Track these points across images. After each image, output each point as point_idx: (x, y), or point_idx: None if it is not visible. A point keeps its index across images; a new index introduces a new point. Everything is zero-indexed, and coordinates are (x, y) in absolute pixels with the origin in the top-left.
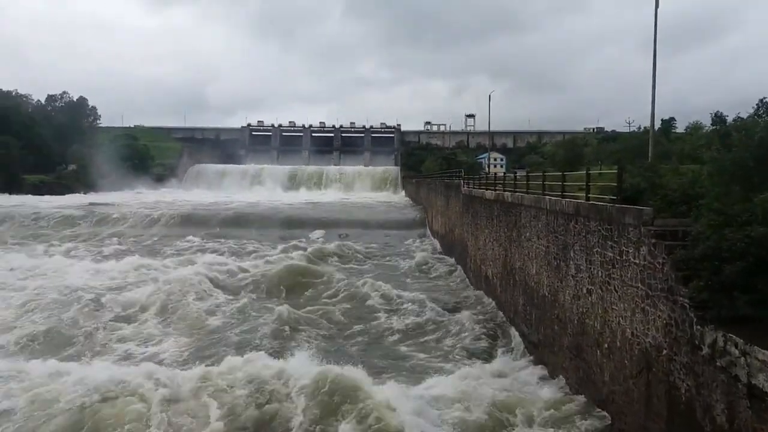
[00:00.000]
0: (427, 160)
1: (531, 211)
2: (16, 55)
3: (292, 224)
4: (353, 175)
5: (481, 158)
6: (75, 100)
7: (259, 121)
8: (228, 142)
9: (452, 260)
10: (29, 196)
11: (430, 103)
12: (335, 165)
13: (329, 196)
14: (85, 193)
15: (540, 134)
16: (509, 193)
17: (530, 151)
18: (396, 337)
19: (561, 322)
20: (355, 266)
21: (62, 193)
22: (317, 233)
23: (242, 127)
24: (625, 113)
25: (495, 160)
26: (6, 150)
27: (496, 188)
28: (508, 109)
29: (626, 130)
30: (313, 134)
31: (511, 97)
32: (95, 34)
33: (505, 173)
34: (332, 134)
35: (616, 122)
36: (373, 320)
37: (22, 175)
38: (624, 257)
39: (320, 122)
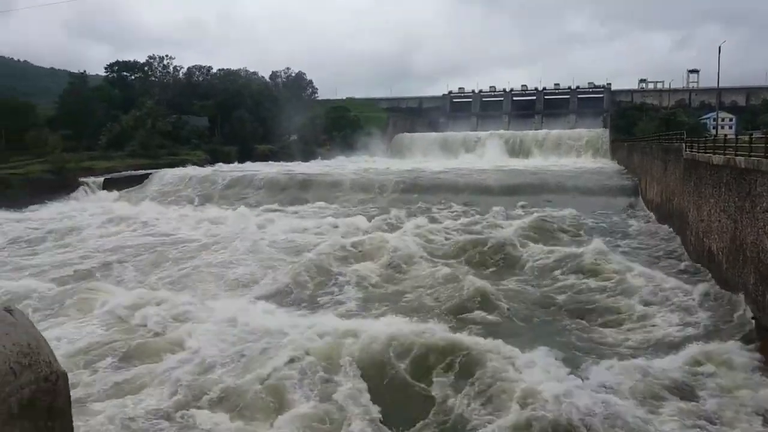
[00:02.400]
0: (640, 122)
1: None
2: (247, 37)
3: (495, 191)
4: (556, 139)
5: (705, 119)
6: (294, 75)
7: (459, 88)
8: (430, 110)
9: (669, 232)
10: (258, 163)
11: (646, 59)
12: (537, 129)
13: (530, 161)
14: (306, 161)
15: None
16: (742, 158)
17: (766, 110)
18: (607, 313)
19: None
20: (564, 236)
21: (287, 161)
22: (520, 200)
23: (443, 95)
24: None
25: (723, 120)
26: (241, 123)
27: (726, 152)
28: (742, 62)
29: None
30: (514, 98)
31: (746, 48)
32: (312, 11)
33: (736, 135)
34: (534, 97)
35: None
36: (584, 294)
37: (252, 145)
38: None
39: (522, 85)
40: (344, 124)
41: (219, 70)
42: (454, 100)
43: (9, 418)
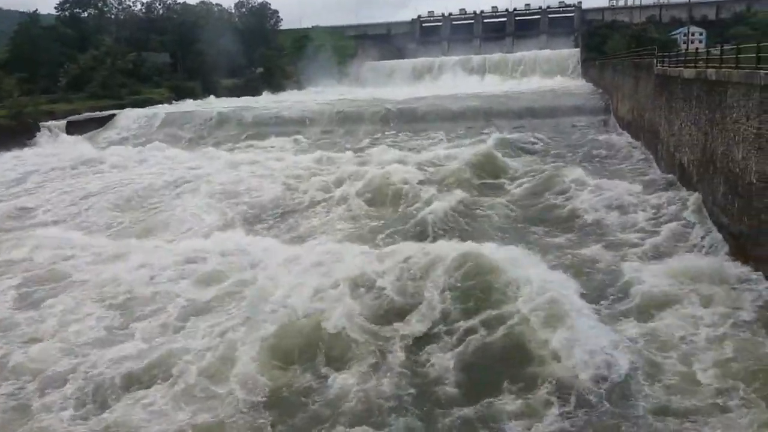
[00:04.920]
0: (611, 40)
1: (740, 88)
2: None
3: (465, 117)
4: (527, 61)
5: (676, 34)
6: (258, 4)
7: (429, 12)
8: (398, 37)
9: (641, 148)
10: (224, 98)
11: None
12: (508, 52)
13: (501, 85)
14: (273, 93)
15: (750, 1)
16: (713, 70)
17: (736, 23)
18: (575, 224)
19: None
20: (536, 155)
21: (252, 95)
22: (492, 124)
23: (412, 20)
24: None
25: (693, 35)
26: (201, 57)
27: (697, 65)
28: None
29: None
30: (485, 21)
31: None
32: None
33: (707, 48)
34: (505, 19)
35: None
36: (552, 207)
37: (217, 80)
38: None
39: (492, 7)
40: (310, 54)
41: (177, 3)
42: (424, 24)
43: None
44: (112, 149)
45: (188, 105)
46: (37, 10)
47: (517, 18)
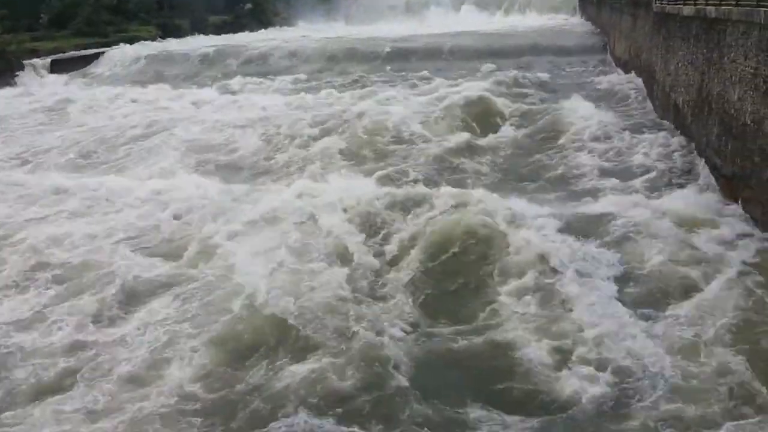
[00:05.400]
0: None
1: (739, 27)
2: None
3: (460, 56)
4: None
5: None
6: None
7: None
8: None
9: (636, 88)
10: (212, 36)
11: None
12: None
13: (497, 22)
14: (262, 31)
15: None
16: (713, 8)
17: None
18: (572, 174)
19: (764, 153)
20: (532, 95)
21: (240, 31)
22: (488, 65)
23: None
24: None
25: None
26: None
27: (697, 2)
28: None
29: None
30: None
31: None
32: None
33: None
34: None
35: None
36: (548, 156)
37: (204, 17)
38: None
39: None
40: None
41: None
42: None
43: None
44: (87, 92)
45: (174, 44)
46: None
47: None
